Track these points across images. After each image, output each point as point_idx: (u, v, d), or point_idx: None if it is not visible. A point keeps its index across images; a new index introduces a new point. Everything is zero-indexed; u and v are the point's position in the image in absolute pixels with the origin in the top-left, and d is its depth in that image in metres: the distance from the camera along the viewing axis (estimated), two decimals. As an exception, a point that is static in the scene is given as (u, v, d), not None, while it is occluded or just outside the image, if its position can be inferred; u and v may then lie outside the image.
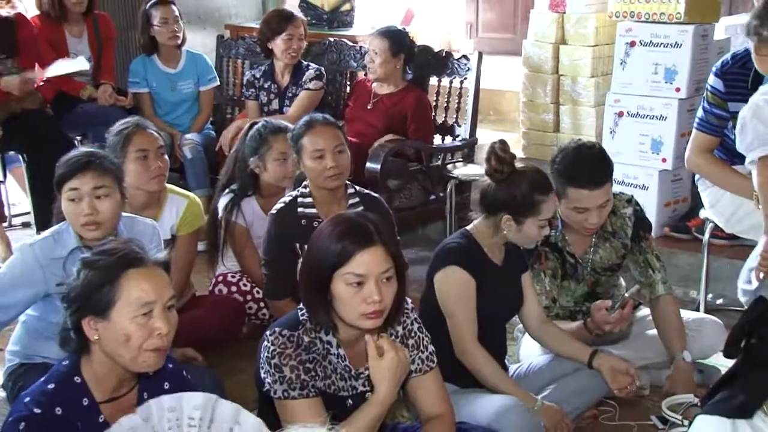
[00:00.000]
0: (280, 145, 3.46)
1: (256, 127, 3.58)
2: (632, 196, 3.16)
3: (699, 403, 2.26)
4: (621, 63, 4.42)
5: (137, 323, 1.94)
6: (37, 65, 4.64)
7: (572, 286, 3.10)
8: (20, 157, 4.87)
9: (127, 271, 1.95)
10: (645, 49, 4.31)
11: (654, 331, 3.11)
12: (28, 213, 4.79)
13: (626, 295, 2.96)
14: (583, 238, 3.07)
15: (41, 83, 4.66)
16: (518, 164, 2.71)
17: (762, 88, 3.15)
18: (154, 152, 3.25)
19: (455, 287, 2.65)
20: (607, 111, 4.51)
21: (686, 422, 2.32)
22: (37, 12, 4.81)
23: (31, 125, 4.47)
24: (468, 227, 2.80)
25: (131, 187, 3.22)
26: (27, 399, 1.98)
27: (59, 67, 4.56)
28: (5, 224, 4.80)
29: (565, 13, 5.12)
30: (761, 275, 2.97)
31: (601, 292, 3.14)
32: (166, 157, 3.35)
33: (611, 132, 4.44)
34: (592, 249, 3.08)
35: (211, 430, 1.97)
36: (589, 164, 2.91)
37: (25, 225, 4.96)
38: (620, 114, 4.41)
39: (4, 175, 5.12)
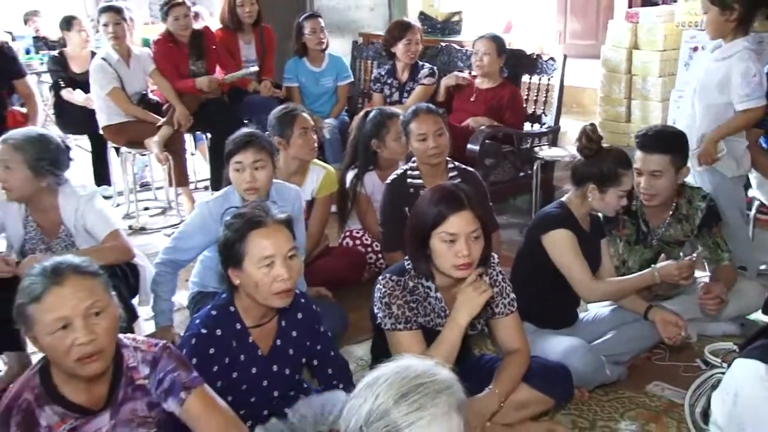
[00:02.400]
0: (396, 127, 3.41)
1: (374, 114, 3.54)
2: (709, 194, 2.94)
3: (737, 349, 2.12)
4: (685, 65, 4.18)
5: (262, 272, 1.96)
6: (218, 66, 4.80)
7: (641, 249, 2.95)
8: (204, 136, 5.05)
9: (251, 232, 1.97)
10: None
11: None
12: (208, 179, 4.95)
13: (694, 256, 2.81)
14: (659, 213, 2.91)
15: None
16: (604, 145, 2.63)
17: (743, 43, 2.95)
18: (311, 129, 3.29)
19: (565, 246, 2.57)
20: (672, 105, 4.31)
21: (725, 365, 2.18)
22: (220, 25, 4.92)
23: (213, 111, 4.61)
24: (563, 199, 2.71)
25: (293, 157, 3.27)
26: (197, 321, 2.05)
27: (236, 74, 4.68)
28: (192, 187, 5.00)
29: (638, 23, 4.87)
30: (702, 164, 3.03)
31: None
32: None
33: (674, 123, 4.19)
34: (665, 224, 2.92)
35: None
36: (654, 133, 2.77)
37: (206, 188, 5.13)
38: (682, 108, 4.18)
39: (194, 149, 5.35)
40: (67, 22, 5.01)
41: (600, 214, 2.73)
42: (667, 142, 2.76)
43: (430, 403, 1.13)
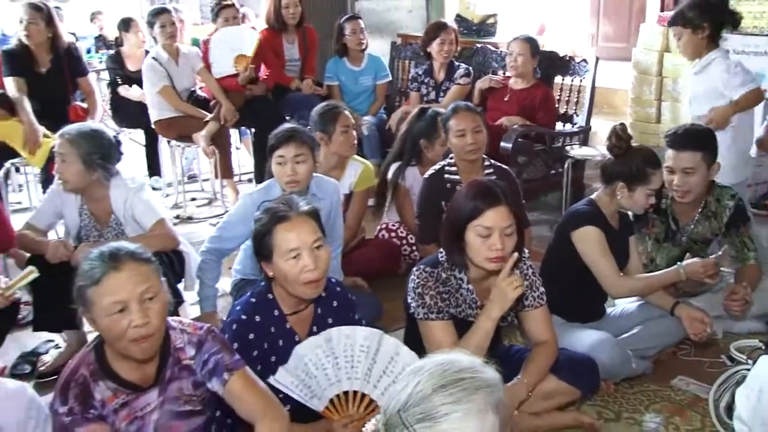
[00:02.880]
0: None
1: (430, 115, 3.50)
2: (737, 193, 2.88)
3: (763, 347, 2.07)
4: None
5: (290, 264, 1.96)
6: (262, 65, 4.83)
7: (669, 247, 2.89)
8: (248, 131, 5.09)
9: (276, 226, 1.97)
10: (737, 56, 3.94)
11: (730, 288, 2.86)
12: (252, 172, 4.97)
13: (720, 253, 2.76)
14: (689, 211, 2.85)
15: (265, 76, 4.84)
16: (633, 144, 2.58)
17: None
18: (352, 127, 3.29)
19: (593, 243, 2.53)
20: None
21: (750, 361, 2.13)
22: (265, 25, 4.96)
23: (258, 107, 4.64)
24: (592, 196, 2.67)
25: (333, 153, 3.27)
26: (238, 308, 2.06)
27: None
28: (236, 179, 5.05)
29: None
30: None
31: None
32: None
33: (704, 124, 4.11)
34: (694, 222, 2.86)
35: (377, 356, 1.99)
36: (684, 131, 2.72)
37: (250, 180, 5.17)
38: (713, 110, 4.09)
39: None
40: (125, 24, 5.11)
41: (629, 213, 2.69)
42: (698, 139, 2.71)
43: (467, 398, 1.11)
